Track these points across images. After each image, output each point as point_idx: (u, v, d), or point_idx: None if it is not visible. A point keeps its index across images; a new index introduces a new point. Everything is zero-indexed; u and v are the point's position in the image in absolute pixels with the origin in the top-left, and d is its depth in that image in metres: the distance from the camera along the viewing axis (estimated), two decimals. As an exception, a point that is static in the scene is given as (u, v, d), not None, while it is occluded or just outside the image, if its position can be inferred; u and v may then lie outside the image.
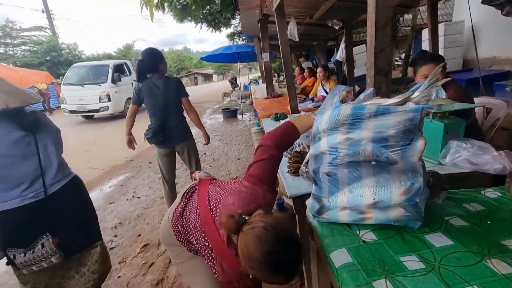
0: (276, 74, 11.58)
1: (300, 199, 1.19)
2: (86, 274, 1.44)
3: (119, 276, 1.94)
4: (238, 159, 4.20)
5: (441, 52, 4.04)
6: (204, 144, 2.64)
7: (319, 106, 3.10)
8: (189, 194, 1.11)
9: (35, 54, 18.28)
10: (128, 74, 10.48)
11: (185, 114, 2.39)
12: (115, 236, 2.47)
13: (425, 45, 4.34)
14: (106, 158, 5.06)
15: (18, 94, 1.27)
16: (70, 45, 20.40)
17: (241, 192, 0.93)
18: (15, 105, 1.21)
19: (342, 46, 4.39)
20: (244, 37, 10.67)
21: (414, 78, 1.75)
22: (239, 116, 7.80)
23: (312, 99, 3.65)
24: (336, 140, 0.84)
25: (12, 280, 1.97)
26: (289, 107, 2.89)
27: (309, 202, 0.95)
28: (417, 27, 7.03)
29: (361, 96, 0.99)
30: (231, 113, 7.83)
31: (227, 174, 3.65)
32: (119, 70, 9.96)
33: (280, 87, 5.25)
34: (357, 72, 5.66)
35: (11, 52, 18.44)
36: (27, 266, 1.26)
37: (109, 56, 22.32)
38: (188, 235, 1.03)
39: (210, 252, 0.95)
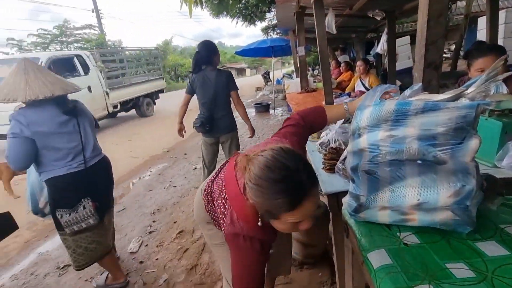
0: (310, 68, 11.31)
1: (335, 197, 1.16)
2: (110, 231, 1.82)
3: (157, 259, 2.08)
4: (270, 153, 4.22)
5: (500, 42, 3.63)
6: (249, 137, 2.82)
7: (356, 102, 3.00)
8: (224, 164, 1.09)
9: (85, 51, 19.89)
10: (83, 72, 6.69)
11: (232, 107, 2.50)
12: (154, 221, 2.64)
13: (481, 35, 3.93)
14: (145, 148, 5.39)
15: (61, 84, 1.52)
16: (115, 42, 21.90)
17: (267, 142, 0.93)
18: (59, 94, 1.46)
19: (383, 38, 4.14)
20: (278, 31, 10.55)
21: (468, 72, 1.60)
22: (271, 111, 7.79)
23: (349, 94, 3.51)
24: (377, 137, 0.81)
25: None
26: (324, 102, 2.81)
27: (345, 200, 0.93)
28: (471, 15, 6.37)
29: (407, 92, 0.94)
30: (263, 108, 7.85)
31: (259, 168, 3.68)
32: (64, 67, 6.19)
33: (314, 82, 5.12)
34: (399, 66, 5.31)
35: (66, 49, 20.32)
36: (70, 226, 1.54)
37: (149, 53, 23.52)
38: (213, 198, 0.99)
39: (224, 204, 0.91)
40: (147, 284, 1.84)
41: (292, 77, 10.54)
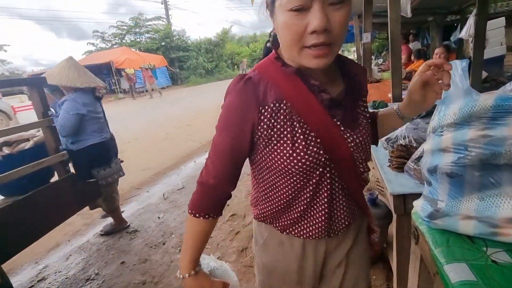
0: (373, 57, 10.43)
1: (402, 198, 1.07)
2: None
3: (211, 237, 2.22)
4: (324, 146, 4.08)
5: None
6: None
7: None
8: None
9: (154, 41, 21.77)
10: None
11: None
12: (209, 201, 2.82)
13: None
14: (204, 133, 5.73)
15: (95, 79, 2.16)
16: (180, 32, 23.38)
17: None
18: (96, 85, 2.13)
19: (470, 20, 3.54)
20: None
21: None
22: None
23: (420, 86, 3.14)
24: (466, 136, 0.71)
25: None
26: (390, 95, 2.57)
27: (418, 203, 0.84)
28: None
29: (509, 86, 0.79)
30: (319, 98, 7.57)
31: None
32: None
33: (379, 71, 4.71)
34: (488, 54, 4.51)
35: (138, 40, 22.54)
36: (105, 178, 2.15)
37: (209, 41, 24.61)
38: None
39: None
40: (202, 258, 2.00)
41: (352, 66, 9.87)
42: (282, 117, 0.61)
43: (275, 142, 0.63)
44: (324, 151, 0.62)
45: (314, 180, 0.65)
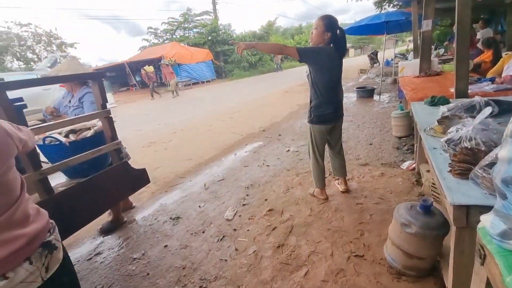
0: (433, 47, 9.39)
1: (465, 209, 0.93)
2: None
3: (248, 230, 2.25)
4: (370, 144, 3.82)
5: None
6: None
7: (503, 90, 2.28)
8: None
9: (201, 35, 22.59)
10: None
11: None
12: (247, 195, 2.85)
13: None
14: (245, 126, 5.80)
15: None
16: (226, 25, 23.85)
17: None
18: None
19: None
20: (396, 3, 9.09)
21: None
22: (375, 97, 6.99)
23: (492, 80, 2.72)
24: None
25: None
26: (453, 89, 2.28)
27: (487, 218, 0.72)
28: None
29: None
30: (366, 93, 7.11)
31: (356, 159, 3.40)
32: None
33: (440, 63, 4.22)
34: None
35: (187, 35, 23.62)
36: (126, 157, 2.26)
37: (253, 34, 24.69)
38: None
39: None
40: (238, 250, 2.03)
41: (407, 58, 9.05)
42: None
43: None
44: None
45: None
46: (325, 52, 2.06)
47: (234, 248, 2.05)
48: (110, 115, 1.69)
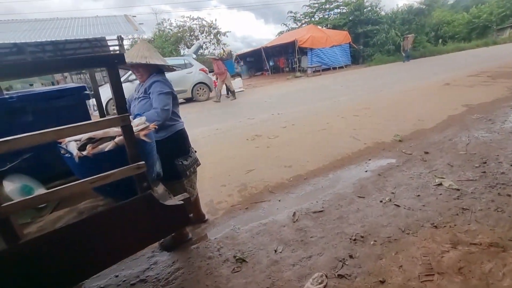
0: None
1: None
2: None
3: None
4: None
5: None
6: None
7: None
8: None
9: (342, 16, 20.51)
10: None
11: None
12: (350, 256, 1.77)
13: None
14: (373, 129, 4.36)
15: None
16: (373, 2, 20.54)
17: None
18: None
19: None
20: None
21: None
22: None
23: None
24: None
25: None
26: None
27: None
28: None
29: None
30: None
31: None
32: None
33: None
34: None
35: (326, 16, 22.10)
36: (188, 169, 1.97)
37: (408, 10, 20.11)
38: None
39: None
40: None
41: None
42: None
43: None
44: None
45: None
46: None
47: None
48: (129, 123, 1.08)
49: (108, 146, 1.19)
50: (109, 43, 16.42)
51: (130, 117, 1.54)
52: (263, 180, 3.03)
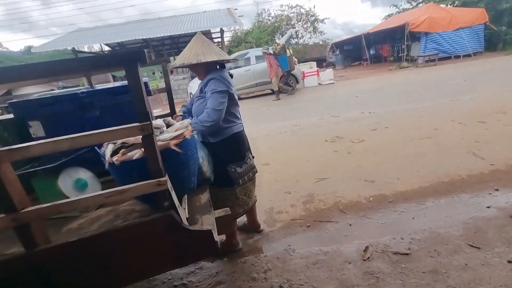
0: None
1: None
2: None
3: None
4: None
5: None
6: None
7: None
8: None
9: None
10: None
11: None
12: None
13: None
14: (506, 144, 3.14)
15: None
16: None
17: None
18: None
19: None
20: None
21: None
22: None
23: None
24: None
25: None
26: None
27: None
28: None
29: None
30: None
31: None
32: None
33: None
34: None
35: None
36: (242, 177, 1.78)
37: None
38: None
39: None
40: None
41: None
42: None
43: None
44: None
45: None
46: None
47: None
48: (150, 132, 0.91)
49: (136, 154, 1.07)
50: (213, 36, 17.95)
51: (187, 120, 1.43)
52: (335, 194, 2.57)
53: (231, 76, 1.75)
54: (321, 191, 2.66)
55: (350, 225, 2.12)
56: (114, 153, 1.13)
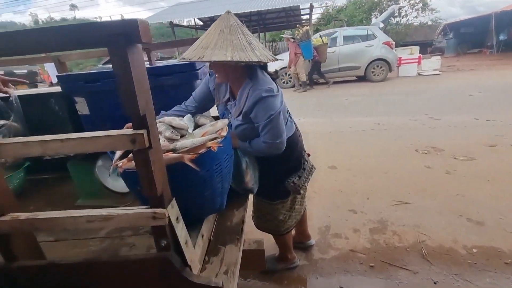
0: None
1: None
2: None
3: None
4: None
5: None
6: None
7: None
8: None
9: None
10: None
11: None
12: None
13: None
14: None
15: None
16: None
17: None
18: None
19: None
20: None
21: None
22: None
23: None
24: None
25: None
26: None
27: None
28: None
29: None
30: None
31: None
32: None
33: None
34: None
35: None
36: (302, 185, 1.38)
37: None
38: None
39: None
40: None
41: None
42: None
43: None
44: None
45: None
46: None
47: None
48: (145, 145, 0.62)
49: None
50: (302, 12, 16.87)
51: (221, 121, 1.10)
52: (418, 229, 1.93)
53: (277, 73, 1.27)
54: (399, 220, 2.05)
55: (435, 283, 1.52)
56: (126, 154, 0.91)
